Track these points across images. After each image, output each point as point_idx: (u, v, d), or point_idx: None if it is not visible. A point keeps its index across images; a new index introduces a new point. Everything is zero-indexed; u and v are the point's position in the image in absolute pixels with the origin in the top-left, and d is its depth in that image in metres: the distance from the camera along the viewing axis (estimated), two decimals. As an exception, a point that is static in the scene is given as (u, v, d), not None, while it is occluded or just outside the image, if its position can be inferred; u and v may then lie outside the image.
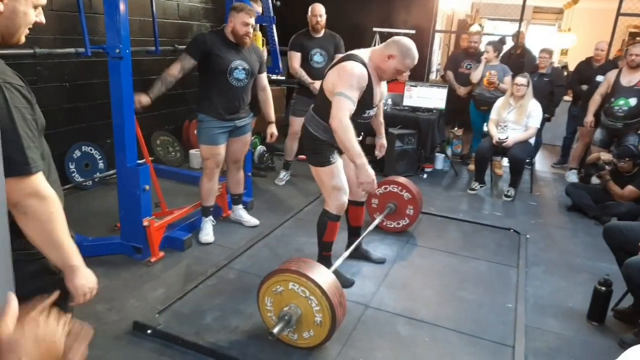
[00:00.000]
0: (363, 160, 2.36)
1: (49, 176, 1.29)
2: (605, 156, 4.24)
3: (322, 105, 2.53)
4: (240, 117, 3.25)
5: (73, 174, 4.06)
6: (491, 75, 4.92)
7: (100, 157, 4.30)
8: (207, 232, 3.35)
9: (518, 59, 5.60)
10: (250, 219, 3.65)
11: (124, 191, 2.93)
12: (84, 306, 2.40)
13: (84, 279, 1.30)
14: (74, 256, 1.27)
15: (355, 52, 2.53)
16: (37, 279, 1.27)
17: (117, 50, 2.64)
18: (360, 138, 2.83)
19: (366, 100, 2.51)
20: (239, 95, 3.18)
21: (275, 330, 2.03)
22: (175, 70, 3.00)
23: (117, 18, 2.60)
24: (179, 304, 2.57)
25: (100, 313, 2.46)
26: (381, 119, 3.04)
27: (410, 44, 2.44)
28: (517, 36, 5.68)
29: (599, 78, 4.83)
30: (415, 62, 2.48)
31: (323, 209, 2.73)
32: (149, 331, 2.29)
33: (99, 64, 3.87)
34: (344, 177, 2.65)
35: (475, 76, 5.04)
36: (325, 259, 2.72)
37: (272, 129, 3.45)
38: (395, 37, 2.49)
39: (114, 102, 2.78)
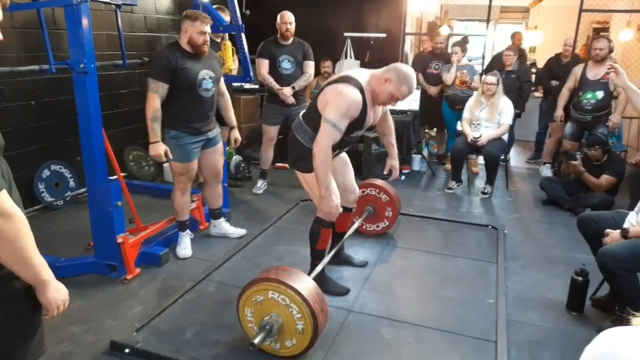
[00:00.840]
0: (328, 192, 2.45)
1: (11, 196, 1.25)
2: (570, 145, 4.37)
3: (313, 117, 2.50)
4: (211, 128, 3.20)
5: (43, 194, 3.95)
6: (463, 74, 5.01)
7: (70, 175, 4.20)
8: (185, 246, 3.28)
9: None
10: (235, 230, 3.58)
11: (96, 209, 2.86)
12: (58, 325, 2.35)
13: (56, 292, 1.30)
14: (45, 271, 1.26)
15: (354, 73, 2.49)
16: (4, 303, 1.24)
17: (82, 65, 2.59)
18: (347, 148, 2.86)
19: (357, 123, 2.49)
20: (209, 106, 3.13)
21: (257, 340, 1.99)
22: (157, 104, 2.89)
23: (80, 32, 2.55)
24: (158, 320, 2.51)
25: (75, 334, 2.38)
26: (392, 140, 2.97)
27: (410, 72, 2.42)
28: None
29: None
30: (412, 91, 2.47)
31: (315, 216, 2.67)
32: (126, 350, 2.22)
33: (66, 81, 3.78)
34: (334, 182, 2.57)
35: (449, 78, 5.11)
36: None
37: (236, 134, 3.38)
38: (397, 63, 2.46)
39: (81, 118, 2.73)
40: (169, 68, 2.88)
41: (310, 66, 4.46)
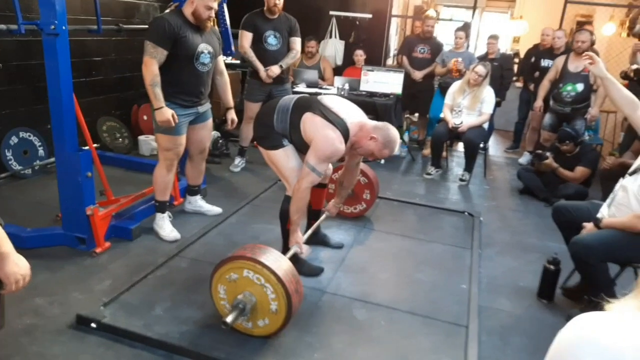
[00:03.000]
0: (294, 227, 2.52)
1: None
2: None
3: (297, 126, 2.48)
4: (202, 103, 3.09)
5: (10, 162, 3.80)
6: (457, 62, 4.96)
7: (40, 143, 4.04)
8: (170, 228, 3.12)
9: None
10: (211, 208, 3.51)
11: (64, 178, 2.75)
12: (22, 298, 2.27)
13: (15, 266, 1.22)
14: (3, 243, 1.19)
15: (345, 113, 2.45)
16: None
17: (52, 27, 2.44)
18: None
19: None
20: (204, 81, 3.01)
21: (229, 319, 1.95)
22: (156, 69, 2.73)
23: (51, -9, 2.40)
24: (127, 295, 2.44)
25: (40, 307, 2.30)
26: (345, 193, 3.03)
27: (395, 138, 2.46)
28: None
29: (544, 62, 4.99)
30: (392, 154, 2.53)
31: (285, 195, 2.65)
32: (93, 324, 2.16)
33: (37, 44, 3.61)
34: (299, 160, 2.57)
35: (442, 71, 5.12)
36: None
37: (232, 115, 3.29)
38: (388, 125, 2.48)
39: (50, 83, 2.59)
40: (171, 34, 2.74)
41: (297, 42, 4.32)
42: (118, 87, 4.92)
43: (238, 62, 5.39)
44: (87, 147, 3.01)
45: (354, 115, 2.51)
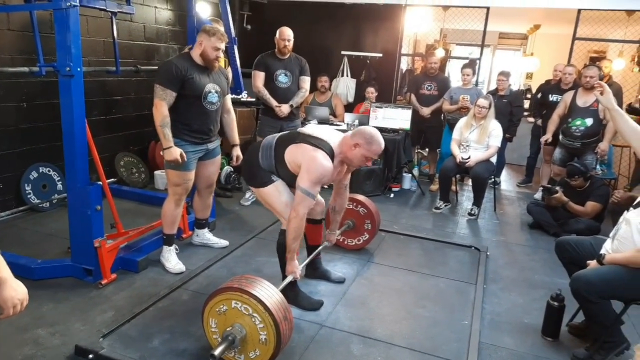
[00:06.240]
0: (291, 255, 2.56)
1: None
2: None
3: (282, 159, 2.57)
4: (211, 140, 3.20)
5: (29, 196, 3.96)
6: (464, 99, 5.03)
7: (58, 178, 4.21)
8: (176, 261, 3.19)
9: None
10: (218, 241, 3.57)
11: (75, 211, 2.86)
12: (25, 327, 2.32)
13: (13, 291, 1.27)
14: (1, 269, 1.24)
15: (325, 135, 2.58)
16: None
17: (68, 69, 2.61)
18: None
19: None
20: (213, 119, 3.13)
21: (217, 352, 1.95)
22: (165, 110, 2.86)
23: (67, 36, 2.58)
24: (127, 327, 2.48)
25: (41, 337, 2.36)
26: (339, 218, 3.08)
27: (374, 132, 2.51)
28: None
29: (552, 97, 5.00)
30: (382, 147, 2.55)
31: (280, 229, 2.69)
32: (90, 356, 2.20)
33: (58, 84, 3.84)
34: (290, 193, 2.63)
35: (451, 109, 5.19)
36: (290, 282, 2.66)
37: (237, 152, 3.39)
38: (360, 127, 2.57)
39: (65, 120, 2.74)
40: (178, 76, 2.88)
41: (306, 82, 4.45)
42: (136, 124, 5.13)
43: (253, 100, 5.55)
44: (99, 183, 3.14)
45: (335, 137, 2.60)
